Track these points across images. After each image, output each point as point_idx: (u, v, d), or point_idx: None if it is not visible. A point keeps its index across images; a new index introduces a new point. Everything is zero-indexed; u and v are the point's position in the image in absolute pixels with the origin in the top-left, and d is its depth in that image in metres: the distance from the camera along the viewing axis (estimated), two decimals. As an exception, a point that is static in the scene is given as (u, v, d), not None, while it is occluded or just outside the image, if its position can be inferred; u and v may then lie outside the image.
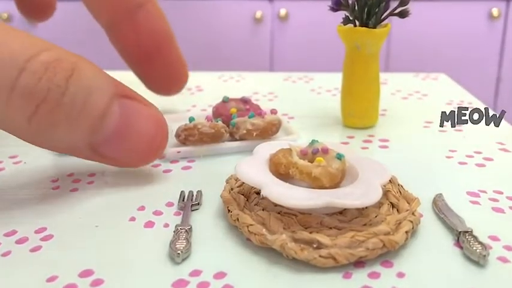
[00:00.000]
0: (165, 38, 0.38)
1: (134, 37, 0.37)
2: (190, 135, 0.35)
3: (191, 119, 0.35)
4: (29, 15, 0.41)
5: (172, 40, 0.39)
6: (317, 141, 0.29)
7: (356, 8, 0.38)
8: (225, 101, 0.39)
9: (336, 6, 0.39)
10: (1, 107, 0.25)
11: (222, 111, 0.38)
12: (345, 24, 0.39)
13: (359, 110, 0.41)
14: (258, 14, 1.27)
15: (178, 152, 0.35)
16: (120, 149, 0.29)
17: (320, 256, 0.23)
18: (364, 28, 0.38)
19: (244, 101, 0.39)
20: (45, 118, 0.25)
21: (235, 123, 0.36)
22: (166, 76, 0.34)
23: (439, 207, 0.28)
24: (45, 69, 0.25)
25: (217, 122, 0.35)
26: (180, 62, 0.40)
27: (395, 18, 0.39)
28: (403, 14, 0.38)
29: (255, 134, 0.35)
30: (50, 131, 0.26)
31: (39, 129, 0.26)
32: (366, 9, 0.38)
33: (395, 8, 0.39)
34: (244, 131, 0.35)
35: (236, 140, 0.36)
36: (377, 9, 0.38)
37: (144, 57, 0.36)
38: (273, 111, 0.37)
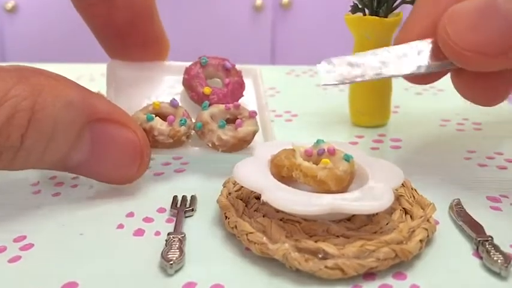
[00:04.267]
0: (143, 12, 0.35)
1: (106, 9, 0.34)
2: None
3: (149, 118, 0.32)
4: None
5: (151, 15, 0.36)
6: (323, 141, 0.29)
7: (365, -5, 0.38)
8: (203, 64, 0.35)
9: (344, -7, 0.39)
10: None
11: (195, 83, 0.35)
12: (353, 13, 0.39)
13: (369, 107, 0.41)
14: (258, 2, 1.27)
15: None
16: (93, 174, 0.31)
17: (326, 267, 0.23)
18: (374, 17, 0.38)
19: (226, 69, 0.36)
20: (3, 168, 0.27)
21: (201, 126, 0.32)
22: (141, 56, 0.33)
23: (457, 213, 0.28)
24: None
25: (181, 124, 0.32)
26: (157, 39, 0.37)
27: (408, 7, 0.39)
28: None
29: (220, 150, 0.32)
30: (13, 169, 0.28)
31: (1, 169, 0.28)
32: (376, -3, 0.38)
33: (409, -5, 0.39)
34: (209, 144, 0.32)
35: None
36: (388, -3, 0.38)
37: (116, 32, 0.35)
38: (252, 114, 0.33)
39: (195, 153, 0.33)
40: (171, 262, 0.24)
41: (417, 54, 0.30)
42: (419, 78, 0.32)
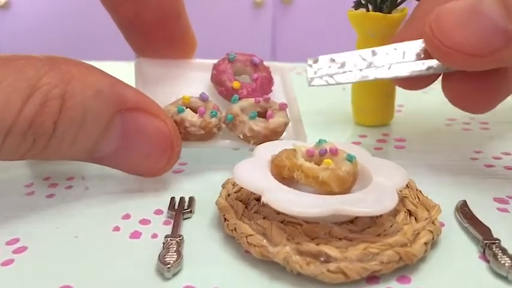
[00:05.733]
0: (171, 9, 0.36)
1: (135, 7, 0.35)
2: None
3: (180, 110, 0.32)
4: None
5: (179, 12, 0.36)
6: (325, 140, 0.29)
7: (369, -10, 0.38)
8: (231, 59, 0.36)
9: (346, -11, 0.39)
10: None
11: (224, 78, 0.35)
12: (356, 9, 0.39)
13: (372, 106, 0.41)
14: (259, -3, 1.27)
15: None
16: (122, 165, 0.31)
17: (328, 271, 0.23)
18: (378, 13, 0.38)
19: (254, 64, 0.36)
20: (35, 156, 0.28)
21: (232, 118, 0.33)
22: (168, 53, 0.33)
23: (463, 215, 0.28)
24: (29, 126, 0.26)
25: (212, 116, 0.33)
26: (184, 37, 0.38)
27: (412, 2, 0.39)
28: (421, -3, 0.39)
29: (252, 142, 0.33)
30: (45, 158, 0.28)
31: (33, 157, 0.28)
32: (379, -8, 0.38)
33: (413, -9, 0.39)
34: (241, 136, 0.33)
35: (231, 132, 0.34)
36: (392, -8, 0.38)
37: (144, 30, 0.35)
38: (282, 106, 0.35)
39: (226, 145, 0.34)
40: (169, 265, 0.24)
41: (402, 56, 0.31)
42: (407, 82, 0.33)
